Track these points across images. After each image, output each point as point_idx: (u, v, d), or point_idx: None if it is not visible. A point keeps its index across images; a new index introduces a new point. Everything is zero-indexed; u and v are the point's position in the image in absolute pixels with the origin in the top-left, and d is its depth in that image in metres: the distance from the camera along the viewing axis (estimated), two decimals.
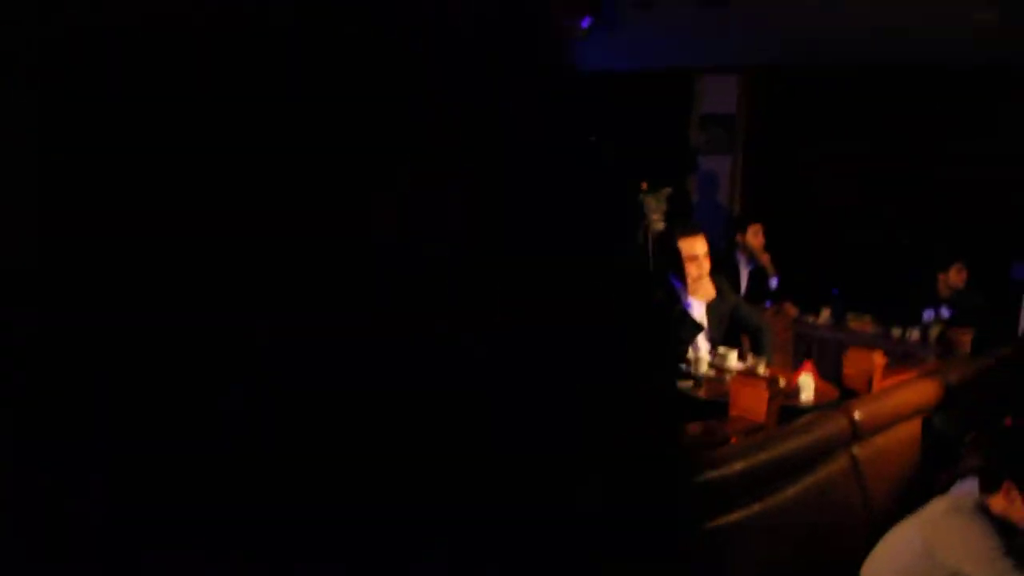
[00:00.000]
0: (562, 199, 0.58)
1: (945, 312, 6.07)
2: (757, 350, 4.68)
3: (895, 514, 3.52)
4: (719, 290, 4.62)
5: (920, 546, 2.79)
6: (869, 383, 4.17)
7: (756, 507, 2.78)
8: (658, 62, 14.19)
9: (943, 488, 3.01)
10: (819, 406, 3.77)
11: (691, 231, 4.57)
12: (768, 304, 6.33)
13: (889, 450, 3.72)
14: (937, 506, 2.90)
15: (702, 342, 4.52)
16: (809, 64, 12.81)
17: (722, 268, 5.27)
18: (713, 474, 2.64)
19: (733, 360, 4.30)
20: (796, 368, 5.79)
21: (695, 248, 4.48)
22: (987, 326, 6.29)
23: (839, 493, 3.23)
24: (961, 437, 3.79)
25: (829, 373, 5.44)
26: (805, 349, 6.03)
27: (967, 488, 2.86)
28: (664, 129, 14.85)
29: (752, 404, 3.33)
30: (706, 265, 4.51)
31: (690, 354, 4.31)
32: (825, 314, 6.37)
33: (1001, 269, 9.31)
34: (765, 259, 6.66)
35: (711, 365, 4.19)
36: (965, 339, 5.35)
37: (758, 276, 6.60)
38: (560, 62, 0.59)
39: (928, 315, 6.07)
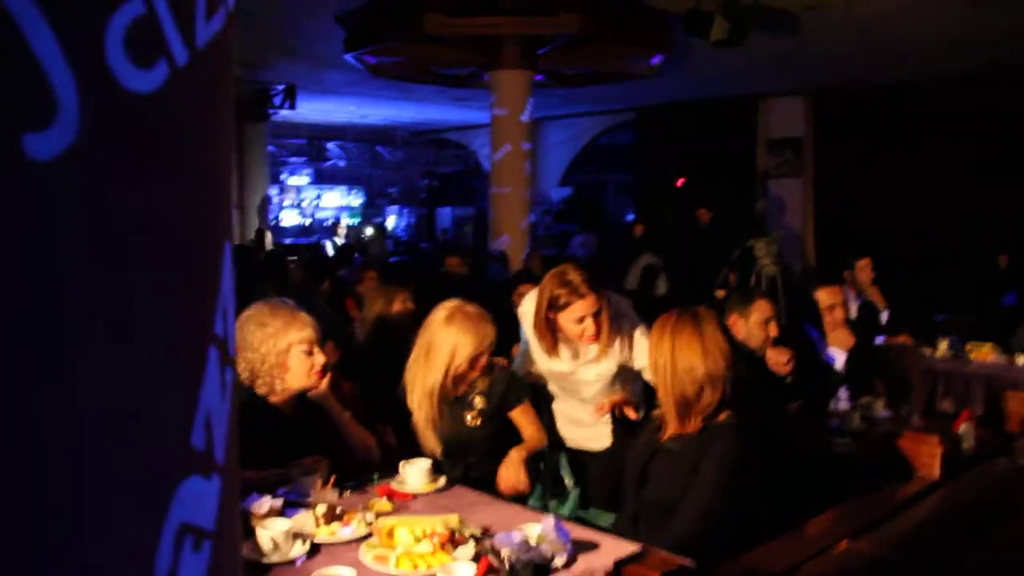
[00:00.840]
0: None
1: None
2: (900, 396, 4.63)
3: None
4: (854, 335, 4.61)
5: None
6: (1022, 422, 4.11)
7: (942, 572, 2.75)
8: (724, 90, 14.28)
9: None
10: (982, 454, 3.72)
11: (830, 280, 4.56)
12: (881, 339, 6.26)
13: None
14: None
15: (842, 392, 4.50)
16: (878, 81, 12.79)
17: None
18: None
19: (880, 410, 4.25)
20: (925, 406, 5.74)
21: (834, 298, 4.47)
22: None
23: (1020, 545, 3.18)
24: None
25: (958, 407, 5.36)
26: (931, 385, 5.94)
27: None
28: (732, 154, 14.86)
29: (925, 462, 3.30)
30: (842, 314, 4.49)
31: (836, 406, 4.29)
32: (943, 346, 6.27)
33: None
34: (874, 293, 6.60)
35: (862, 417, 4.16)
36: None
37: (868, 311, 6.53)
38: None
39: None
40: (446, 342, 3.27)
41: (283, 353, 3.02)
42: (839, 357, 4.43)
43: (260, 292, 6.94)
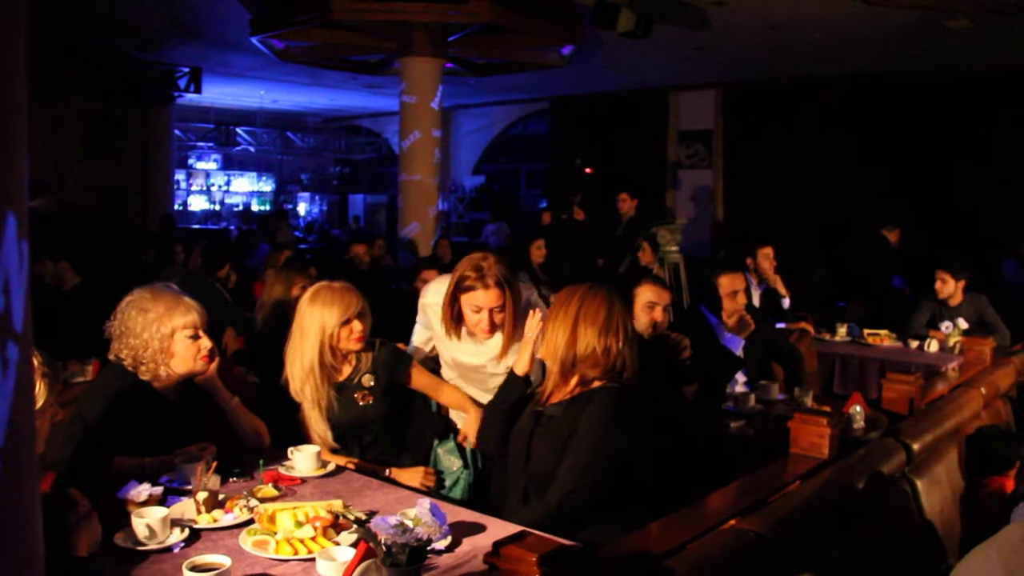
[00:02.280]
0: None
1: (963, 322, 6.14)
2: (795, 379, 4.72)
3: (954, 538, 3.57)
4: (754, 320, 4.69)
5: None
6: (910, 404, 4.22)
7: (829, 549, 2.80)
8: (636, 82, 14.39)
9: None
10: (870, 435, 3.81)
11: (733, 267, 4.62)
12: (781, 325, 6.38)
13: (940, 471, 3.77)
14: (1015, 532, 2.92)
15: (740, 375, 4.56)
16: (786, 76, 13.04)
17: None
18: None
19: (775, 393, 4.33)
20: (824, 389, 5.88)
21: (736, 284, 4.53)
22: (998, 331, 6.38)
23: (902, 522, 3.26)
24: (1012, 448, 3.86)
25: (853, 390, 5.48)
26: (828, 369, 6.08)
27: None
28: (645, 145, 15.01)
29: (814, 442, 3.36)
30: (743, 300, 4.55)
31: (732, 389, 4.34)
32: (842, 331, 6.43)
33: (990, 269, 9.47)
34: (776, 280, 6.72)
35: (757, 400, 4.22)
36: (986, 347, 5.42)
37: (770, 298, 6.65)
38: None
39: (946, 326, 6.16)
40: (313, 318, 3.28)
41: (167, 338, 2.93)
42: (738, 342, 4.50)
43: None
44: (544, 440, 2.84)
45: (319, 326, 3.26)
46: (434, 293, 3.53)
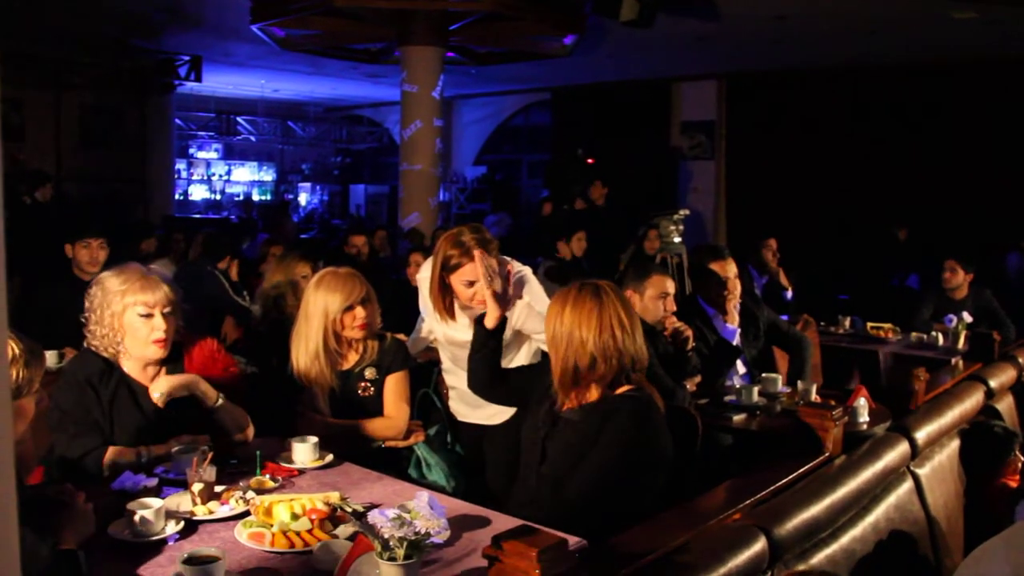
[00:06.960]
0: None
1: (968, 316, 6.08)
2: (800, 365, 4.69)
3: (958, 533, 3.54)
4: (752, 308, 4.68)
5: (1010, 574, 2.76)
6: (914, 398, 4.18)
7: (833, 544, 2.77)
8: (639, 73, 14.32)
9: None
10: (875, 429, 3.77)
11: (722, 255, 4.57)
12: (784, 318, 6.34)
13: (944, 465, 3.74)
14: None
15: (740, 367, 4.52)
16: (788, 67, 12.98)
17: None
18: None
19: (779, 386, 4.29)
20: (827, 382, 5.83)
21: (727, 271, 4.49)
22: (1004, 324, 6.34)
23: (905, 516, 3.24)
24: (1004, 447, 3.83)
25: (857, 383, 5.44)
26: (831, 362, 6.02)
27: None
28: (648, 136, 14.95)
29: (819, 436, 3.32)
30: (738, 287, 4.49)
31: (737, 383, 4.30)
32: (845, 324, 6.39)
33: (996, 262, 9.44)
34: (779, 273, 6.68)
35: (760, 393, 4.18)
36: (991, 341, 5.38)
37: (772, 290, 6.61)
38: None
39: (949, 320, 6.10)
40: (318, 303, 3.29)
41: (118, 316, 2.84)
42: (735, 332, 4.46)
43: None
44: (559, 443, 2.77)
45: (323, 311, 3.27)
46: (427, 268, 3.51)
